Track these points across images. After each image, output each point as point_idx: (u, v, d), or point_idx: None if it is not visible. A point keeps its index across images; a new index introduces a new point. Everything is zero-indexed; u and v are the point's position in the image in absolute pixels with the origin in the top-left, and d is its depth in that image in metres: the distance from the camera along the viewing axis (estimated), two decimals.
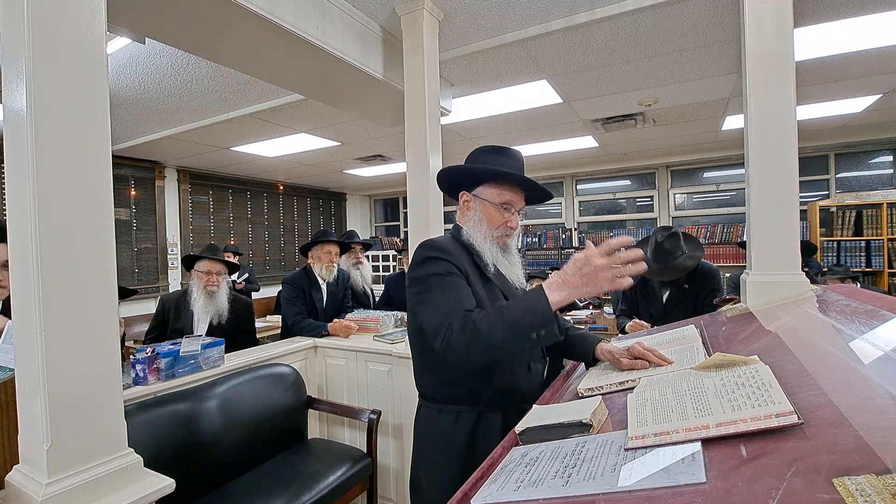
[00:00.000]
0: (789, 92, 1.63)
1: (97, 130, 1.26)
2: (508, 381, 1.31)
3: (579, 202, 7.30)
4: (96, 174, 1.25)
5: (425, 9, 2.39)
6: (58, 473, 1.15)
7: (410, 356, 2.34)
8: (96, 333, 1.24)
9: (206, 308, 2.76)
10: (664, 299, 2.75)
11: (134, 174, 5.71)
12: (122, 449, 1.30)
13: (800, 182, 1.65)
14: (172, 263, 6.08)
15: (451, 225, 1.49)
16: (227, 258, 5.75)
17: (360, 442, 2.54)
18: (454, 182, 1.46)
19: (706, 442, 0.66)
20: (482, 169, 1.39)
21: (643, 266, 1.09)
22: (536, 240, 7.10)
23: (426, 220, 2.43)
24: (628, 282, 1.08)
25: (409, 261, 2.50)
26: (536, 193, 1.46)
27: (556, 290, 1.12)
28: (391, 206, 9.40)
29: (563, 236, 6.93)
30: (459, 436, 1.30)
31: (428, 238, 1.40)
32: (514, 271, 1.43)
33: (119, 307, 1.33)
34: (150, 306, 5.58)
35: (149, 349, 2.09)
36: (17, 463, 1.24)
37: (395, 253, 8.03)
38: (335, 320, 3.03)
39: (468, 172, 1.41)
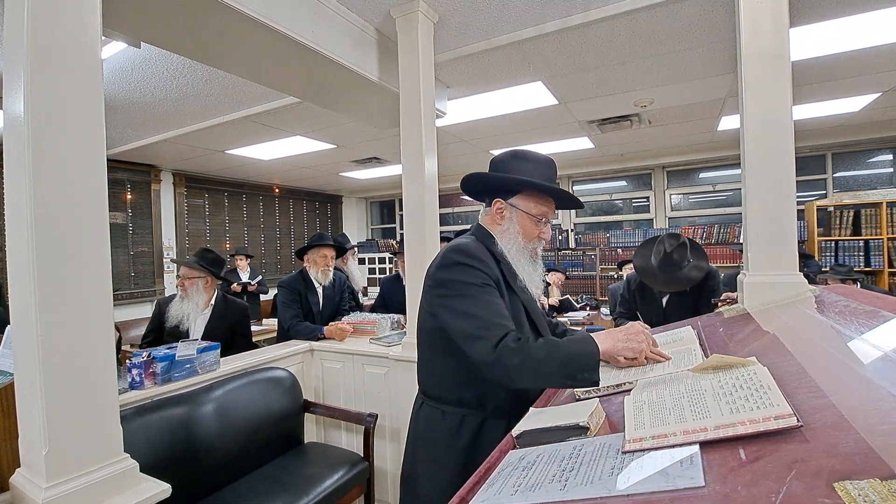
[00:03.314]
0: (785, 91, 1.63)
1: (92, 134, 1.26)
2: (517, 390, 1.29)
3: None
4: (91, 178, 1.25)
5: (420, 11, 2.38)
6: (56, 478, 1.16)
7: (407, 359, 2.36)
8: (91, 338, 1.24)
9: (178, 310, 2.75)
10: (664, 303, 2.75)
11: (130, 178, 5.70)
12: (117, 454, 1.30)
13: (797, 182, 1.65)
14: (168, 267, 6.06)
15: (474, 226, 1.45)
16: (238, 260, 5.81)
17: (357, 446, 2.52)
18: (488, 188, 1.42)
19: (704, 445, 0.66)
20: (524, 181, 1.35)
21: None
22: None
23: (422, 222, 2.42)
24: (641, 362, 1.16)
25: (405, 263, 2.50)
26: (567, 203, 1.45)
27: (602, 339, 1.16)
28: (387, 209, 9.39)
29: (560, 237, 6.93)
30: (463, 439, 1.29)
31: (456, 243, 1.34)
32: (535, 281, 1.41)
33: (114, 311, 1.32)
34: (146, 310, 5.56)
35: (145, 353, 2.08)
36: (20, 466, 1.25)
37: (391, 255, 8.01)
38: (331, 324, 3.01)
39: (506, 181, 1.37)
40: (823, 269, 4.54)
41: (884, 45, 2.95)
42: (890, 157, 5.55)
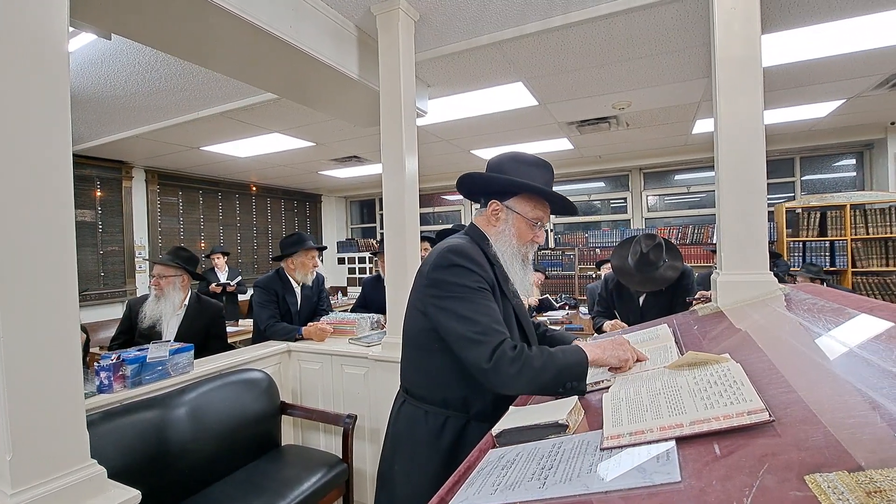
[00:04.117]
0: (757, 96, 1.67)
1: (57, 129, 1.21)
2: (503, 395, 1.30)
3: None
4: (56, 173, 1.20)
5: (401, 9, 2.37)
6: (21, 485, 1.12)
7: (387, 359, 2.34)
8: (56, 340, 1.19)
9: (154, 310, 2.68)
10: (640, 302, 2.79)
11: (100, 174, 5.52)
12: (84, 460, 1.26)
13: (767, 184, 1.70)
14: (140, 267, 5.89)
15: (468, 226, 1.45)
16: (215, 259, 5.66)
17: (335, 447, 2.49)
18: (484, 189, 1.42)
19: (680, 440, 0.67)
20: (523, 184, 1.35)
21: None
22: None
23: (402, 221, 2.41)
24: (626, 368, 1.20)
25: (385, 263, 2.49)
26: (562, 208, 1.45)
27: (590, 348, 1.19)
28: (367, 208, 9.32)
29: None
30: (445, 440, 1.28)
31: (453, 243, 1.33)
32: (525, 285, 1.41)
33: (80, 312, 1.28)
34: (117, 311, 5.39)
35: (114, 356, 2.01)
36: None
37: (371, 255, 7.96)
38: (311, 324, 2.97)
39: (507, 184, 1.36)
40: (792, 269, 4.70)
41: (847, 54, 3.07)
42: (853, 161, 5.77)
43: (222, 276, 5.63)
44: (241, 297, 5.83)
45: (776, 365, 0.84)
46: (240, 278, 5.80)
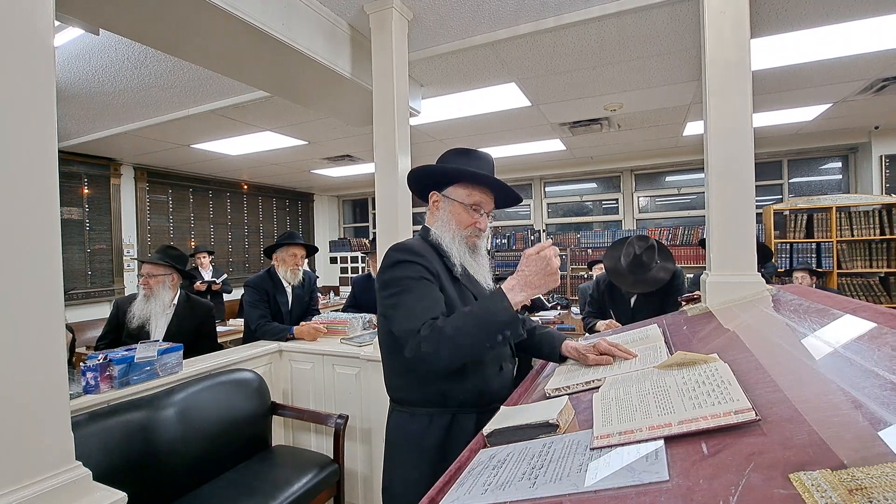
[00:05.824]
0: (746, 99, 1.69)
1: (42, 124, 1.19)
2: (480, 381, 1.31)
3: (547, 204, 7.40)
4: (41, 170, 1.18)
5: (394, 8, 2.36)
6: (4, 487, 1.10)
7: (379, 359, 2.33)
8: (39, 339, 1.17)
9: (143, 310, 2.64)
10: (632, 303, 2.81)
11: (87, 171, 5.43)
12: (68, 462, 1.24)
13: (756, 186, 1.72)
14: (129, 266, 5.82)
15: (421, 227, 1.49)
16: (199, 258, 5.59)
17: (326, 448, 2.48)
18: (424, 183, 1.46)
19: (669, 440, 0.67)
20: (452, 169, 1.39)
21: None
22: (505, 241, 7.16)
23: (395, 221, 2.41)
24: (556, 280, 1.17)
25: (377, 264, 2.48)
26: (506, 195, 1.46)
27: (518, 291, 1.16)
28: (360, 207, 9.29)
29: (532, 238, 7.02)
30: (433, 438, 1.28)
31: (398, 241, 1.38)
32: (482, 273, 1.44)
33: (67, 312, 1.26)
34: (104, 310, 5.33)
35: (101, 356, 1.99)
36: None
37: (363, 254, 7.93)
38: (303, 323, 2.96)
39: (438, 172, 1.41)
40: (779, 270, 4.75)
41: (834, 59, 3.12)
42: (839, 164, 5.85)
43: (207, 276, 5.57)
44: (226, 297, 5.76)
45: (763, 365, 0.85)
46: (225, 277, 5.72)
